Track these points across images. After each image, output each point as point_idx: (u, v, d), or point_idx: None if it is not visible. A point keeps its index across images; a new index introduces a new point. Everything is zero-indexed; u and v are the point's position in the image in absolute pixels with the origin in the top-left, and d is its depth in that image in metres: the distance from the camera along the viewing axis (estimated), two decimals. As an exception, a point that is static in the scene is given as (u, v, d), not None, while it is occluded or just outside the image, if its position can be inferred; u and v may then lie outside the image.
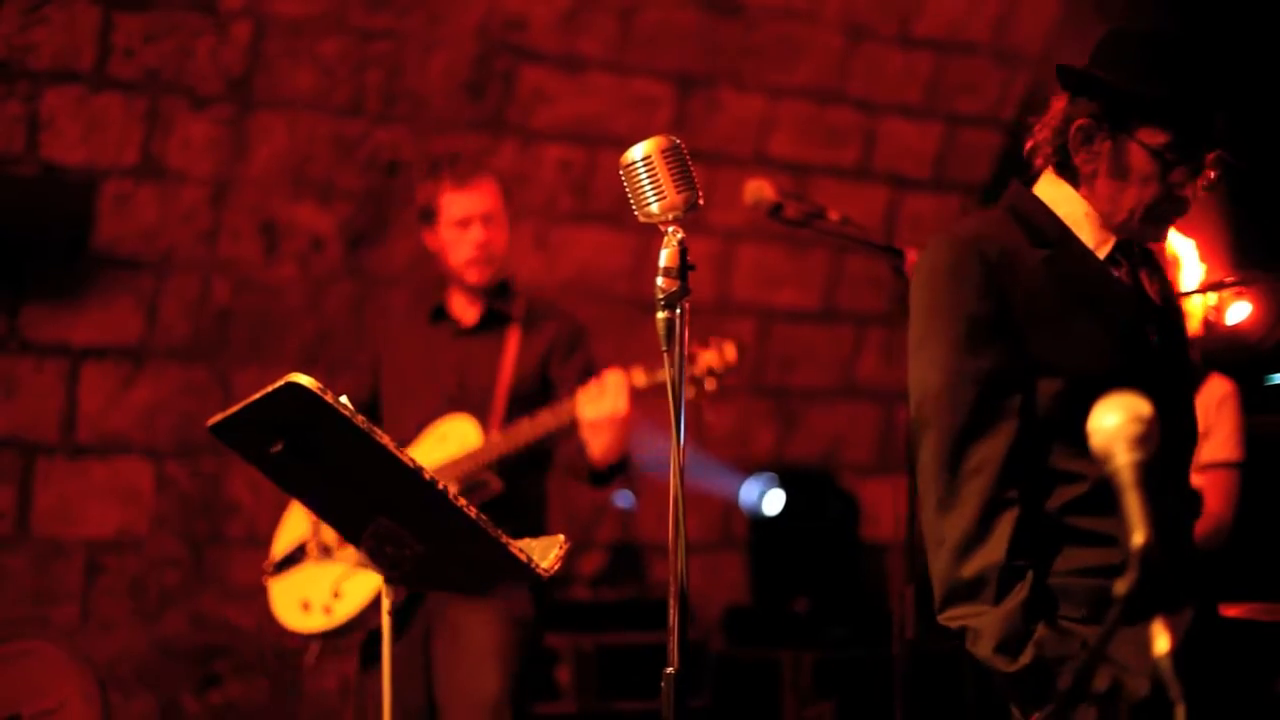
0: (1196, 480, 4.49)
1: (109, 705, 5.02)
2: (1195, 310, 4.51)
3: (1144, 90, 3.06)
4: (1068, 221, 3.19)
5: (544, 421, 4.78)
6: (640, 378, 4.76)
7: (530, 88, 6.72)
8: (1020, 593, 3.01)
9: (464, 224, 4.95)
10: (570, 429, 4.77)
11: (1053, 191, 3.22)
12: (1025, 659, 3.00)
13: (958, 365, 3.08)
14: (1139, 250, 3.26)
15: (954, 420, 3.08)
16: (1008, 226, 3.20)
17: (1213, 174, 3.13)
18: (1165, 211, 3.15)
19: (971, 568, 3.05)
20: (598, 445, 4.75)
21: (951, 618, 3.09)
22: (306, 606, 4.95)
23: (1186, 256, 4.55)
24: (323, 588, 4.93)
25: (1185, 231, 4.54)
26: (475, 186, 4.99)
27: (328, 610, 4.91)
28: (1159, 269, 3.30)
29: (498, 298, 5.04)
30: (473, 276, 4.98)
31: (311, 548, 4.95)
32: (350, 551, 4.83)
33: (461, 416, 4.89)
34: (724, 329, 7.30)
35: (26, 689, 4.78)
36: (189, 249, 6.25)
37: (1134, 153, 3.10)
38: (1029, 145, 3.24)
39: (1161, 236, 3.22)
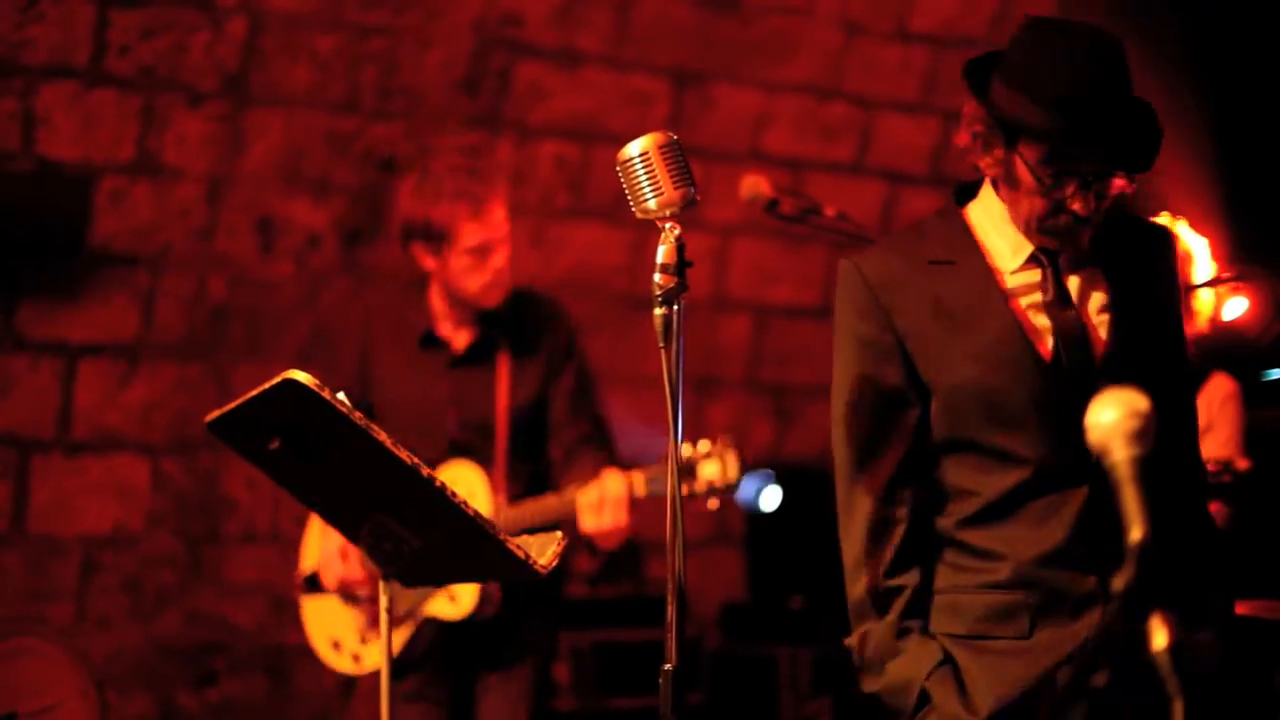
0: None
1: (105, 703, 5.02)
2: (1204, 308, 4.50)
3: (1015, 107, 3.00)
4: (987, 230, 3.16)
5: (551, 508, 4.73)
6: (640, 485, 4.69)
7: (526, 83, 6.72)
8: (890, 615, 3.13)
9: (482, 252, 4.80)
10: (572, 519, 4.71)
11: (984, 197, 3.20)
12: (884, 680, 3.13)
13: (848, 388, 3.23)
14: (1120, 247, 3.19)
15: (847, 442, 3.25)
16: (912, 243, 3.25)
17: (1110, 190, 3.04)
18: (1060, 225, 3.06)
19: (858, 589, 3.20)
20: (599, 543, 4.75)
21: (850, 639, 3.22)
22: (337, 647, 4.90)
23: (1199, 253, 4.54)
24: (350, 631, 4.88)
25: (1197, 229, 4.53)
26: (491, 211, 4.82)
27: (356, 658, 4.87)
28: (1125, 270, 3.17)
29: (489, 320, 4.93)
30: (490, 300, 4.86)
31: (333, 584, 4.87)
32: (367, 604, 4.82)
33: (466, 465, 4.82)
34: (720, 325, 7.33)
35: (23, 687, 4.78)
36: (185, 246, 6.25)
37: (1018, 165, 3.04)
38: (957, 144, 3.19)
39: (1073, 246, 3.11)
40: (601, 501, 4.65)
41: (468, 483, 4.78)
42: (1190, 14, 5.92)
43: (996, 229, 3.15)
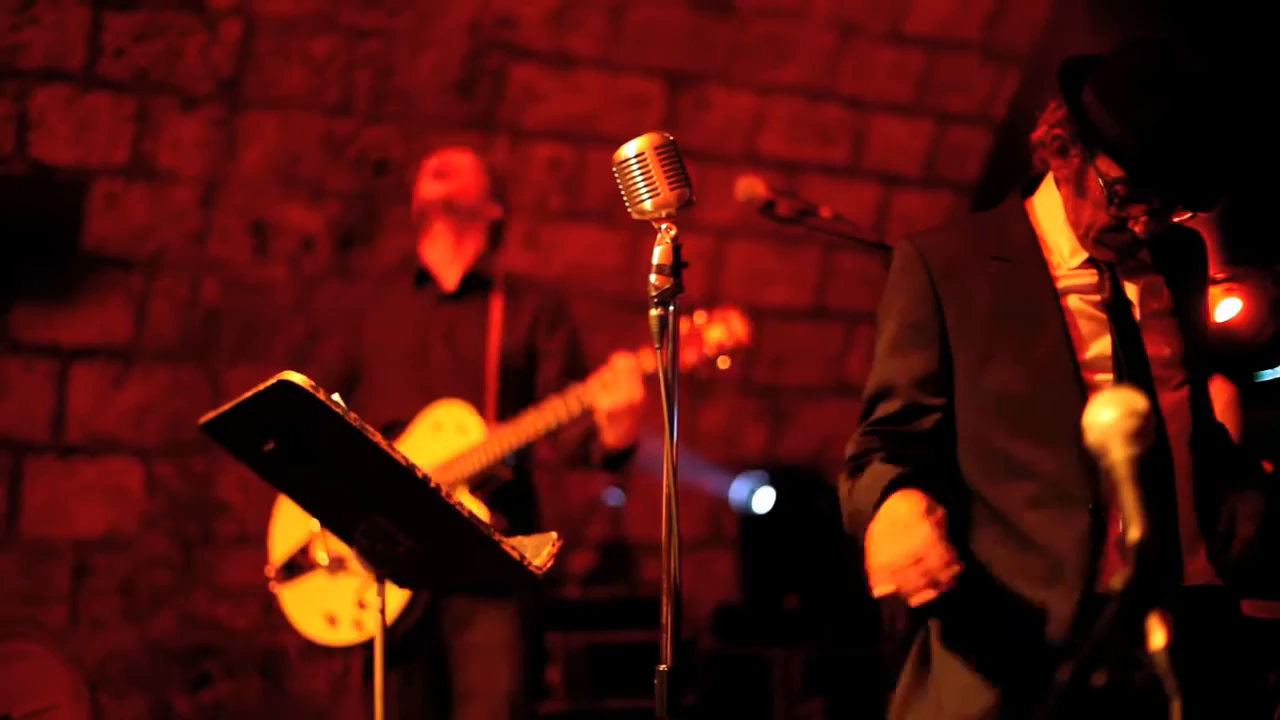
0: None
1: (99, 706, 5.02)
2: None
3: (1104, 124, 3.03)
4: (1049, 227, 3.21)
5: (554, 410, 4.72)
6: (650, 361, 4.70)
7: (520, 86, 6.72)
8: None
9: (429, 165, 5.09)
10: (580, 417, 4.73)
11: (1045, 194, 3.24)
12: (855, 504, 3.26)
13: (886, 365, 3.27)
14: (1167, 253, 3.23)
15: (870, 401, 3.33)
16: (976, 235, 3.30)
17: (1172, 217, 3.09)
18: (1117, 240, 3.12)
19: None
20: (614, 433, 4.73)
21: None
22: (333, 621, 4.88)
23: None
24: (345, 600, 4.85)
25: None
26: (447, 149, 5.16)
27: (357, 624, 4.84)
28: (1169, 275, 3.25)
29: (479, 263, 5.02)
30: (425, 191, 5.04)
31: (320, 558, 4.86)
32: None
33: (455, 404, 4.83)
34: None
35: (16, 690, 4.77)
36: (179, 249, 6.25)
37: (1092, 176, 3.08)
38: (1032, 139, 3.22)
39: (1122, 258, 3.18)
40: (615, 377, 4.67)
41: (456, 417, 4.80)
42: (1177, 12, 5.91)
43: (1058, 228, 3.20)
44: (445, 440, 4.78)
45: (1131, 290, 3.19)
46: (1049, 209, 3.22)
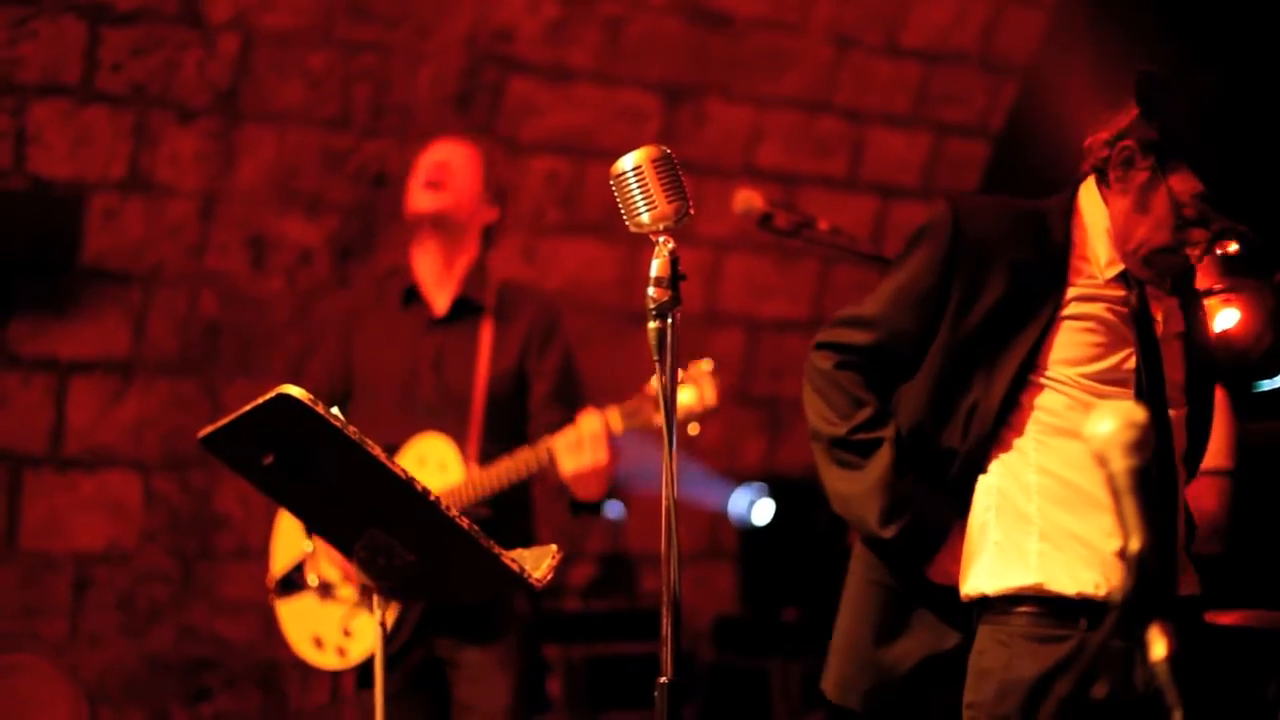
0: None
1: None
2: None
3: (1185, 133, 3.04)
4: (1091, 233, 3.19)
5: (525, 460, 4.64)
6: (617, 421, 4.64)
7: (518, 99, 6.72)
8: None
9: (425, 168, 4.87)
10: (550, 467, 4.68)
11: (1089, 198, 3.22)
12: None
13: (883, 304, 3.29)
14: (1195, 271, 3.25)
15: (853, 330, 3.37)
16: (1018, 226, 3.25)
17: (1227, 248, 3.10)
18: (1166, 262, 3.11)
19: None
20: (580, 490, 4.68)
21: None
22: (320, 644, 4.86)
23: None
24: (332, 626, 4.83)
25: None
26: (445, 140, 4.95)
27: (341, 652, 4.82)
28: (1180, 301, 3.26)
29: (470, 283, 4.89)
30: (417, 202, 4.84)
31: (310, 580, 4.84)
32: (350, 591, 4.79)
33: (440, 439, 4.79)
34: (712, 339, 7.33)
35: (16, 704, 4.77)
36: (177, 262, 6.25)
37: (1160, 193, 3.07)
38: (1086, 143, 3.20)
39: (1159, 284, 3.17)
40: (579, 440, 4.58)
41: (439, 453, 4.76)
42: (1176, 17, 5.92)
43: (1098, 236, 3.19)
44: (427, 476, 4.72)
45: (1155, 311, 3.19)
46: (1093, 216, 3.20)
